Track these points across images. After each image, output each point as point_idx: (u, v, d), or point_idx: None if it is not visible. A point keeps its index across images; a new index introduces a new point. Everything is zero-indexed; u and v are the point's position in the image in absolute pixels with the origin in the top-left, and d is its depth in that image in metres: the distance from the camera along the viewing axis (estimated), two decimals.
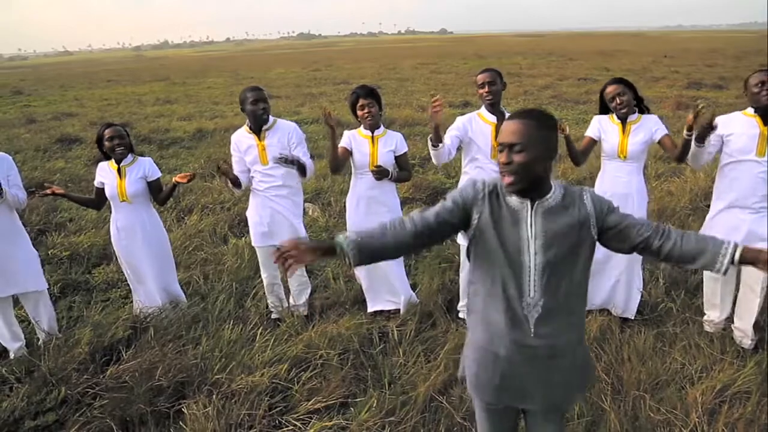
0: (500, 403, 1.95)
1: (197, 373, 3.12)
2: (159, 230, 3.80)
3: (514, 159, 1.69)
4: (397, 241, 1.77)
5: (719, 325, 3.53)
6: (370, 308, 3.93)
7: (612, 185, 3.55)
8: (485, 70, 3.52)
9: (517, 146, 1.68)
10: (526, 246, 1.76)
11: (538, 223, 1.75)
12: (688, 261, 1.77)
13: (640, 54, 31.77)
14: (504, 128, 1.73)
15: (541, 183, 1.75)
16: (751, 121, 3.17)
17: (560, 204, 1.77)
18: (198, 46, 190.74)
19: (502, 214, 1.77)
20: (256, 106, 3.55)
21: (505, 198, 1.79)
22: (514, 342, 1.82)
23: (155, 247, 3.73)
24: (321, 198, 6.51)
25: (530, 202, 1.76)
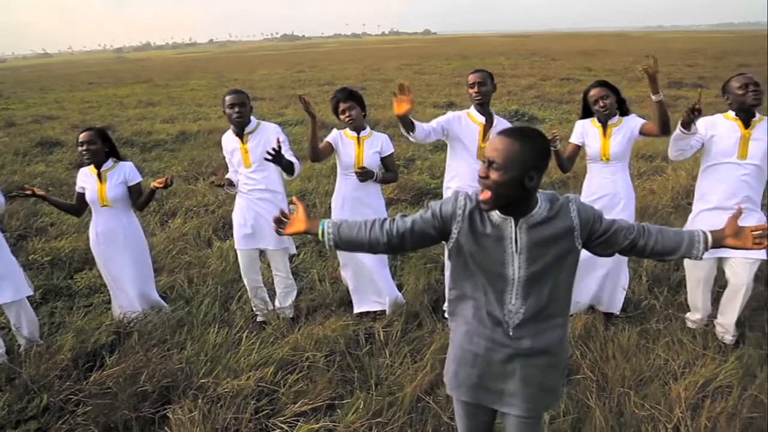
0: (477, 401, 1.97)
1: (182, 377, 3.09)
2: (138, 236, 3.76)
3: (491, 176, 1.66)
4: (372, 240, 1.85)
5: (701, 322, 3.58)
6: (356, 309, 3.92)
7: (599, 187, 3.60)
8: (476, 71, 3.55)
9: (495, 164, 1.65)
10: (509, 260, 1.76)
11: (523, 239, 1.74)
12: (669, 253, 1.87)
13: (622, 54, 32.11)
14: (490, 142, 1.70)
15: (523, 201, 1.72)
16: (733, 124, 3.23)
17: (545, 218, 1.75)
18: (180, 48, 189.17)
19: (485, 230, 1.77)
20: (232, 110, 3.53)
21: (488, 214, 1.77)
22: (493, 342, 1.85)
23: (134, 253, 3.70)
24: (306, 200, 6.48)
25: (513, 219, 1.75)
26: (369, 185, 3.72)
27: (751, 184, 3.22)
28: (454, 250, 1.82)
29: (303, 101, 3.43)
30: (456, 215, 1.78)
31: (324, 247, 1.94)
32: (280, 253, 3.85)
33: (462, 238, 1.78)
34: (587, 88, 3.59)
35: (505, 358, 1.86)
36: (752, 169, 3.18)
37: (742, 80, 3.17)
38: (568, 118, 11.41)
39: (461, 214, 1.77)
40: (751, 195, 3.24)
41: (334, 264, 4.59)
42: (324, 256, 4.91)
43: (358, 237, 1.87)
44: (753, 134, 3.17)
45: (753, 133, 3.17)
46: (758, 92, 3.13)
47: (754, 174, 3.20)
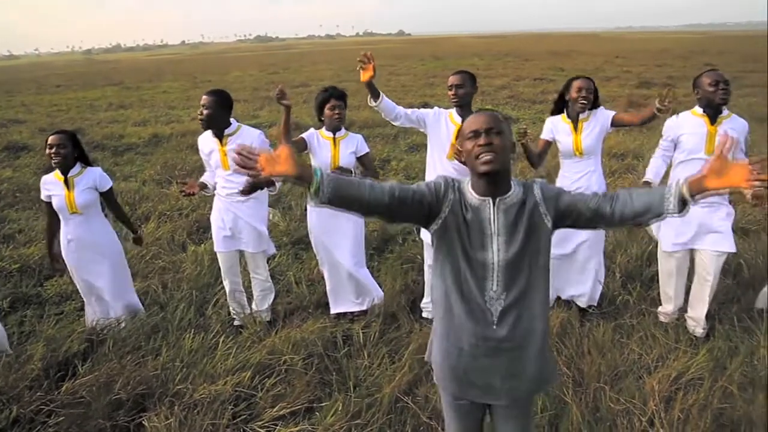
0: (465, 396, 1.97)
1: (158, 384, 3.04)
2: (113, 241, 3.69)
3: (494, 140, 1.73)
4: (372, 199, 1.70)
5: (673, 316, 3.67)
6: (333, 310, 3.91)
7: (572, 183, 3.66)
8: (456, 73, 3.53)
9: (494, 129, 1.75)
10: (489, 243, 1.79)
11: (500, 220, 1.78)
12: (641, 215, 1.76)
13: (594, 54, 32.63)
14: (474, 119, 1.80)
15: (504, 178, 1.79)
16: (700, 120, 3.31)
17: (520, 201, 1.80)
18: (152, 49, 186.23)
19: (466, 214, 1.80)
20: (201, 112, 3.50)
21: (466, 198, 1.81)
22: (476, 335, 1.85)
23: (110, 260, 3.63)
24: (281, 202, 6.44)
25: (492, 200, 1.79)
26: None
27: None
28: (440, 232, 1.82)
29: (280, 92, 3.41)
30: (448, 191, 1.81)
31: (310, 199, 1.64)
32: (260, 255, 3.82)
33: (449, 218, 1.80)
34: (569, 80, 3.63)
35: (490, 353, 1.86)
36: None
37: (714, 77, 3.23)
38: (542, 117, 11.54)
39: (452, 191, 1.81)
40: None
41: (311, 266, 4.57)
42: (300, 258, 4.89)
43: (357, 193, 1.69)
44: (720, 130, 3.23)
45: (720, 130, 3.24)
46: (727, 90, 3.21)
47: None
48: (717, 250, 3.36)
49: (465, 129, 1.81)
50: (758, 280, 4.06)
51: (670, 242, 3.53)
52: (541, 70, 23.05)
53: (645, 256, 4.42)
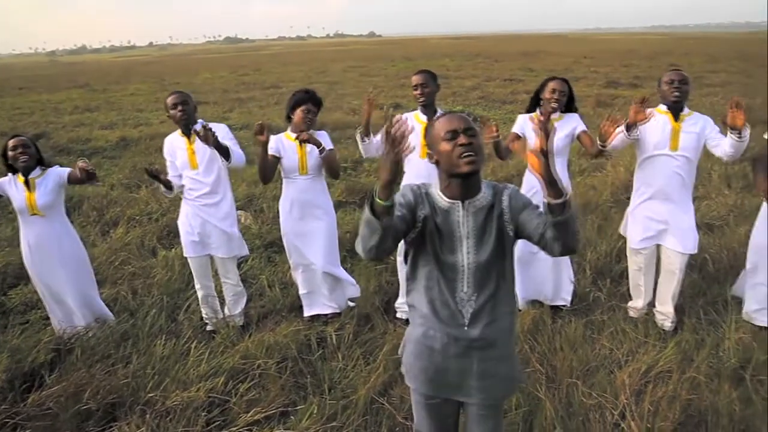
0: (437, 395, 1.99)
1: (129, 392, 2.98)
2: (75, 244, 3.61)
3: (473, 141, 1.74)
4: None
5: (642, 311, 3.75)
6: (306, 313, 3.89)
7: (538, 180, 3.69)
8: (418, 72, 3.58)
9: (471, 130, 1.75)
10: (458, 246, 1.81)
11: (470, 223, 1.80)
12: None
13: (562, 55, 33.13)
14: (449, 120, 1.79)
15: (477, 179, 1.81)
16: (665, 117, 3.41)
17: (489, 204, 1.82)
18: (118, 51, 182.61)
19: (436, 217, 1.81)
20: (176, 109, 3.48)
21: (437, 202, 1.83)
22: (448, 335, 1.87)
23: (73, 263, 3.55)
24: (253, 204, 6.39)
25: (461, 203, 1.80)
26: (316, 186, 3.71)
27: (683, 175, 3.42)
28: (415, 240, 1.84)
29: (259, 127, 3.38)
30: (418, 204, 1.81)
31: (377, 214, 1.63)
32: (230, 260, 3.78)
33: (424, 224, 1.81)
34: (546, 80, 3.67)
35: (461, 352, 1.89)
36: (683, 160, 3.38)
37: (671, 76, 3.37)
38: (512, 117, 11.63)
39: (421, 198, 1.82)
40: (684, 186, 3.44)
41: (284, 269, 4.54)
42: (273, 262, 4.85)
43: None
44: (683, 127, 3.36)
45: (683, 126, 3.36)
46: (680, 89, 3.33)
47: (686, 166, 3.40)
48: (681, 251, 3.47)
49: (439, 130, 1.79)
50: (723, 274, 4.18)
51: (637, 239, 3.61)
52: (511, 71, 23.31)
53: (614, 252, 4.51)
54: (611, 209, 5.55)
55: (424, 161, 3.52)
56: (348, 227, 5.35)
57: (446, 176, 1.80)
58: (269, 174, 3.58)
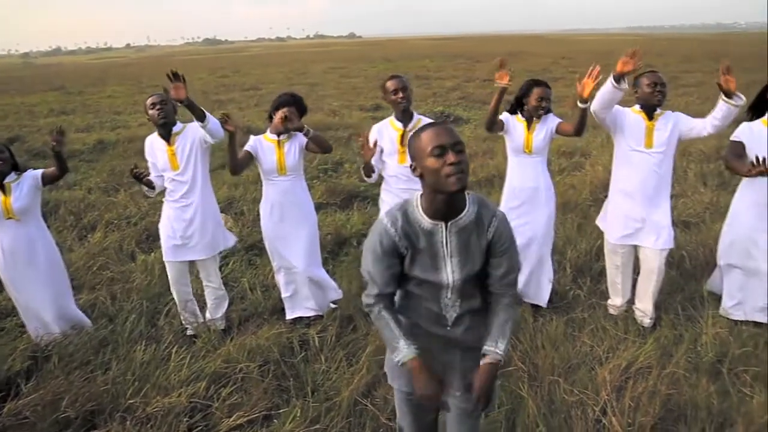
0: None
1: (108, 399, 2.94)
2: (51, 250, 3.55)
3: (463, 159, 1.67)
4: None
5: (621, 308, 3.80)
6: (289, 315, 3.87)
7: (521, 180, 3.74)
8: (394, 77, 3.56)
9: (459, 145, 1.67)
10: (443, 265, 1.80)
11: (453, 242, 1.78)
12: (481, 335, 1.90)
13: (541, 55, 33.42)
14: (437, 133, 1.68)
15: (463, 195, 1.76)
16: (639, 116, 3.50)
17: (473, 222, 1.78)
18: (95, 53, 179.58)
19: (419, 240, 1.79)
20: (154, 109, 3.46)
21: (419, 222, 1.78)
22: (431, 335, 1.90)
23: (48, 269, 3.48)
24: (234, 207, 6.34)
25: (444, 223, 1.78)
26: (296, 186, 3.70)
27: (660, 173, 3.49)
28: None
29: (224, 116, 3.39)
30: (396, 243, 1.78)
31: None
32: (212, 261, 3.75)
33: (408, 256, 1.81)
34: (529, 84, 3.69)
35: (444, 348, 1.92)
36: (659, 157, 3.45)
37: (652, 78, 3.42)
38: None
39: (398, 237, 1.78)
40: (660, 183, 3.51)
41: (265, 272, 4.51)
42: (254, 265, 4.81)
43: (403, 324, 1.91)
44: (656, 125, 3.45)
45: (656, 125, 3.45)
46: (663, 92, 3.41)
47: (661, 163, 3.47)
48: (659, 248, 3.53)
49: (426, 145, 1.68)
50: (699, 270, 4.25)
51: (615, 234, 3.67)
52: (490, 72, 23.27)
53: (594, 250, 4.56)
54: (590, 208, 5.61)
55: (401, 167, 3.56)
56: (329, 229, 5.34)
57: (431, 191, 1.73)
58: (238, 165, 3.54)
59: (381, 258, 1.80)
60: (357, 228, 5.42)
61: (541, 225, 3.76)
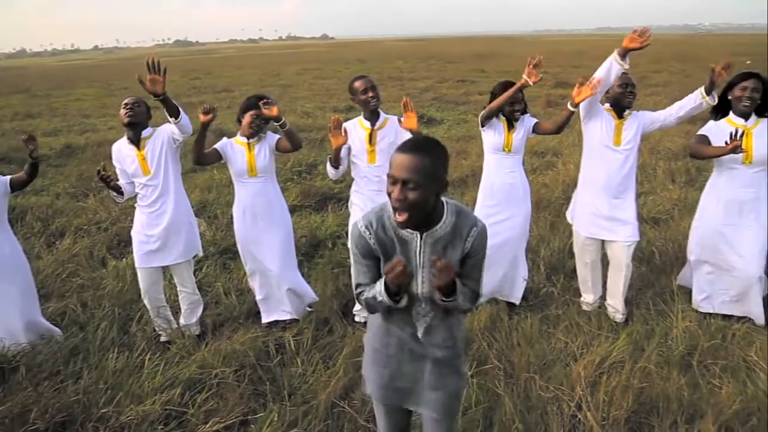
0: (389, 402, 2.02)
1: (80, 409, 2.87)
2: (18, 257, 3.45)
3: (408, 196, 1.61)
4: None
5: (594, 304, 3.87)
6: (264, 319, 3.84)
7: (498, 177, 3.79)
8: (361, 77, 3.58)
9: (411, 183, 1.60)
10: (414, 274, 1.80)
11: (427, 253, 1.78)
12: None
13: (514, 56, 33.76)
14: (397, 161, 1.63)
15: (431, 214, 1.74)
16: (609, 115, 3.59)
17: (449, 233, 1.77)
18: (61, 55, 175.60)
19: (394, 247, 1.79)
20: (125, 108, 3.41)
21: (394, 229, 1.78)
22: (403, 343, 1.91)
23: (15, 278, 3.38)
24: (207, 211, 6.25)
25: (419, 233, 1.77)
26: (269, 189, 3.68)
27: (626, 169, 3.58)
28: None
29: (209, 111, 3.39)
30: (372, 247, 1.79)
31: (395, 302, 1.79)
32: (186, 265, 3.70)
33: (382, 261, 1.82)
34: (501, 86, 3.71)
35: (414, 359, 1.92)
36: (626, 154, 3.55)
37: (623, 80, 3.52)
38: (465, 118, 11.83)
39: (373, 242, 1.78)
40: (626, 179, 3.60)
41: (239, 275, 4.46)
42: (228, 269, 4.76)
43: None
44: (625, 124, 3.56)
45: (625, 124, 3.56)
46: (633, 93, 3.53)
47: (627, 160, 3.57)
48: (625, 240, 3.61)
49: (390, 166, 1.66)
50: (669, 265, 4.34)
51: (585, 228, 3.76)
52: (463, 72, 23.63)
53: (567, 248, 4.62)
54: (563, 206, 5.67)
55: (371, 167, 3.56)
56: (304, 231, 5.31)
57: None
58: (202, 155, 3.53)
59: (361, 260, 1.84)
60: (332, 230, 5.40)
61: (518, 223, 3.81)
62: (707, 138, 3.48)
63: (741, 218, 3.49)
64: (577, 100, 3.45)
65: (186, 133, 3.45)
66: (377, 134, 3.54)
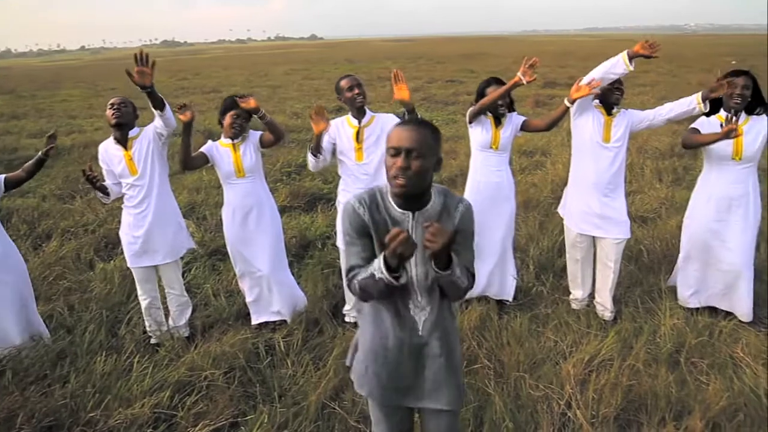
0: (390, 402, 1.99)
1: (67, 414, 2.84)
2: (12, 257, 3.39)
3: (412, 165, 1.67)
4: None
5: (583, 302, 3.90)
6: (254, 321, 3.82)
7: (485, 175, 3.80)
8: (347, 76, 3.59)
9: (415, 152, 1.67)
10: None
11: (419, 234, 1.78)
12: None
13: (502, 56, 33.94)
14: (399, 134, 1.70)
15: (422, 195, 1.78)
16: (598, 111, 3.62)
17: (439, 212, 1.80)
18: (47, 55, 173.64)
19: (386, 225, 1.79)
20: (111, 108, 3.39)
21: (387, 209, 1.80)
22: (402, 341, 1.88)
23: (8, 278, 3.32)
24: (195, 212, 6.22)
25: (411, 213, 1.79)
26: (257, 189, 3.67)
27: (615, 166, 3.62)
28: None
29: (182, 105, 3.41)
30: (365, 220, 1.78)
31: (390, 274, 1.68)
32: (174, 266, 3.68)
33: (375, 240, 1.80)
34: (485, 84, 3.75)
35: (413, 355, 1.90)
36: (615, 151, 3.59)
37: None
38: (454, 119, 11.85)
39: (368, 218, 1.78)
40: (616, 176, 3.64)
41: (228, 277, 4.44)
42: (217, 270, 4.73)
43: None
44: (614, 122, 3.59)
45: (614, 121, 3.59)
46: (621, 91, 3.57)
47: (617, 157, 3.60)
48: (616, 238, 3.65)
49: (389, 141, 1.73)
50: (657, 263, 4.38)
51: (576, 225, 3.79)
52: (452, 72, 23.69)
53: (556, 247, 4.64)
54: (552, 205, 5.71)
55: (359, 165, 3.56)
56: (293, 232, 5.29)
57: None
58: (190, 158, 3.53)
59: (354, 238, 1.80)
60: (321, 230, 5.39)
61: (503, 220, 3.82)
62: (699, 130, 3.53)
63: (730, 214, 3.54)
64: (574, 96, 3.48)
65: (170, 127, 3.46)
66: (364, 132, 3.55)
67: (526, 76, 3.43)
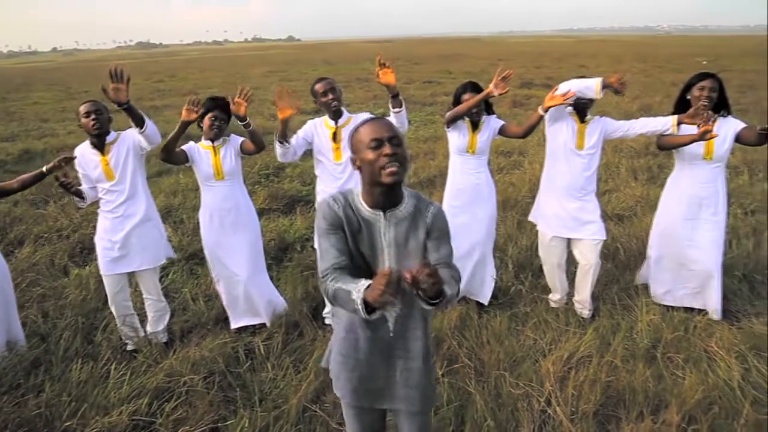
0: (361, 403, 2.00)
1: (42, 423, 2.79)
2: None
3: (398, 151, 1.71)
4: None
5: (562, 301, 3.94)
6: (233, 325, 3.79)
7: (463, 178, 3.82)
8: (321, 79, 3.60)
9: (395, 139, 1.72)
10: (380, 255, 1.81)
11: (391, 233, 1.81)
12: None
13: (478, 57, 34.18)
14: (372, 127, 1.75)
15: (399, 189, 1.80)
16: (571, 119, 3.66)
17: (411, 214, 1.82)
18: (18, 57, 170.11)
19: (360, 227, 1.81)
20: (88, 118, 3.31)
21: (359, 210, 1.81)
22: (373, 341, 1.88)
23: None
24: (172, 216, 6.14)
25: (383, 213, 1.80)
26: (236, 192, 3.64)
27: (588, 172, 3.67)
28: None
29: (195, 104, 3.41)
30: (340, 217, 1.79)
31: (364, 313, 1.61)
32: (152, 272, 3.62)
33: (349, 237, 1.80)
34: (462, 88, 3.77)
35: (385, 358, 1.91)
36: (588, 158, 3.63)
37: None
38: (432, 119, 11.89)
39: (343, 215, 1.79)
40: (588, 182, 3.69)
41: (206, 281, 4.39)
42: (195, 274, 4.68)
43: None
44: (587, 129, 3.63)
45: (588, 128, 3.63)
46: (592, 100, 3.56)
47: (590, 163, 3.65)
48: (593, 239, 3.69)
49: (364, 137, 1.74)
50: (633, 261, 4.44)
51: (552, 228, 3.82)
52: (430, 73, 23.79)
53: (534, 246, 4.67)
54: (530, 205, 5.73)
55: (336, 165, 3.56)
56: (272, 234, 5.26)
57: (369, 184, 1.78)
58: (173, 152, 3.49)
59: (327, 233, 1.80)
60: (300, 233, 5.36)
61: (483, 222, 3.84)
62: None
63: (700, 213, 3.61)
64: (547, 105, 3.50)
65: (153, 144, 3.42)
66: (341, 132, 3.56)
67: (498, 88, 3.45)
